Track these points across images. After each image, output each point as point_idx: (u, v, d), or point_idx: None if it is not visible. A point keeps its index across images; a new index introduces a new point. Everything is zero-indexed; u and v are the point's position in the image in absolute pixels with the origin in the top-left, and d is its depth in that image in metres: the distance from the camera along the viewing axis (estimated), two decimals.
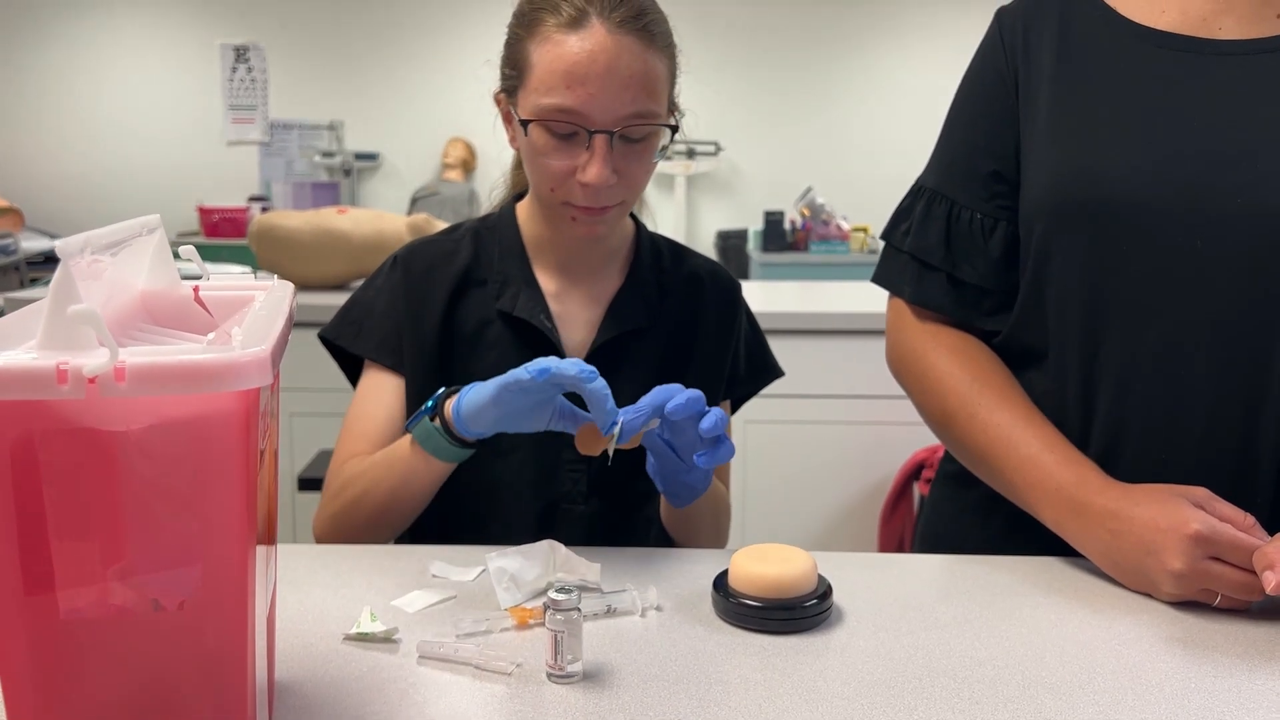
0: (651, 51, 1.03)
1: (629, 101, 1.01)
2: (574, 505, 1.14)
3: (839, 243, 5.41)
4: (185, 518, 0.55)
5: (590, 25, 1.00)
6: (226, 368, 0.49)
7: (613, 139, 1.02)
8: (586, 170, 1.02)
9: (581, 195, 1.04)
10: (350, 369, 1.22)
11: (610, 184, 1.03)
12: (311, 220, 2.68)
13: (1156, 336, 0.94)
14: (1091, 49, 1.00)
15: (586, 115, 1.00)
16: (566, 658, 0.73)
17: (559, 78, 1.00)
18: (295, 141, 6.30)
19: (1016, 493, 0.98)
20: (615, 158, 1.03)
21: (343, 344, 1.18)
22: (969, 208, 1.07)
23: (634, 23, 1.01)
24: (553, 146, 1.03)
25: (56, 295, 0.50)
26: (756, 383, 1.28)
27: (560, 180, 1.04)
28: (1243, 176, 0.91)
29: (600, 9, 1.01)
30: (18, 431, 0.51)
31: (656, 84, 1.04)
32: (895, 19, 6.29)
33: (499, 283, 1.15)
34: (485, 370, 1.12)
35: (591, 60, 0.99)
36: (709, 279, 1.24)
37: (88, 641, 0.56)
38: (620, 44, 1.00)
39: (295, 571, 0.93)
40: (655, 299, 1.19)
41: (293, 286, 0.72)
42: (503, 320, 1.14)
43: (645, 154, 1.06)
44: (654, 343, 1.17)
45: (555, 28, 1.01)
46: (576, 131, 1.01)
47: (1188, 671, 0.77)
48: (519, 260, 1.16)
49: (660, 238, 1.26)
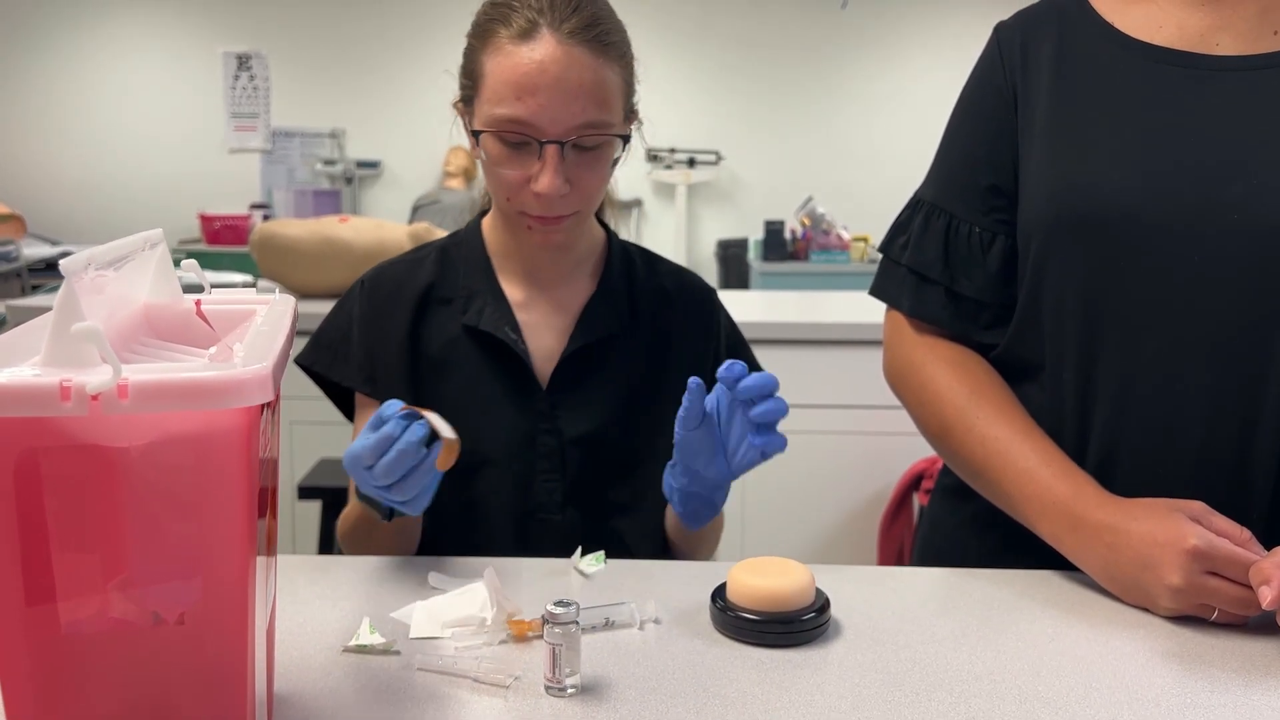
0: (603, 61, 1.03)
1: (579, 112, 1.01)
2: (550, 516, 1.13)
3: (839, 252, 5.41)
4: (186, 532, 0.56)
5: (541, 36, 1.01)
6: (229, 385, 0.50)
7: (564, 149, 1.02)
8: (538, 180, 1.03)
9: (535, 205, 1.05)
10: (332, 390, 1.22)
11: (563, 193, 1.04)
12: (313, 229, 2.69)
13: (1153, 351, 0.95)
14: (1089, 64, 1.01)
15: (537, 126, 1.01)
16: (564, 670, 0.73)
17: (510, 88, 1.01)
18: (297, 149, 6.31)
19: (1013, 506, 0.99)
20: (568, 167, 1.03)
21: (321, 370, 1.18)
22: (967, 221, 1.07)
23: (585, 33, 1.02)
24: (506, 156, 1.04)
25: (60, 312, 0.51)
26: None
27: (515, 190, 1.05)
28: (1240, 192, 0.92)
29: (551, 20, 1.01)
30: (21, 447, 0.51)
31: (608, 94, 1.04)
32: (896, 30, 6.31)
33: (465, 298, 1.15)
34: (455, 390, 1.12)
35: (541, 71, 1.00)
36: (682, 287, 1.24)
37: (88, 653, 0.56)
38: (570, 54, 1.01)
39: (295, 583, 0.93)
40: (626, 307, 1.19)
41: (294, 301, 0.72)
42: (470, 336, 1.14)
43: (598, 163, 1.06)
44: (628, 351, 1.17)
45: (507, 38, 1.02)
46: (528, 141, 1.02)
47: (1184, 686, 0.77)
48: (484, 273, 1.16)
49: (632, 246, 1.25)
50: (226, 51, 6.26)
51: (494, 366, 1.12)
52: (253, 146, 6.30)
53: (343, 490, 2.36)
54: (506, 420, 1.12)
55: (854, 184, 6.21)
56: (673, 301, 1.22)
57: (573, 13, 1.02)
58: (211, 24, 6.34)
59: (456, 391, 1.12)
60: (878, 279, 1.15)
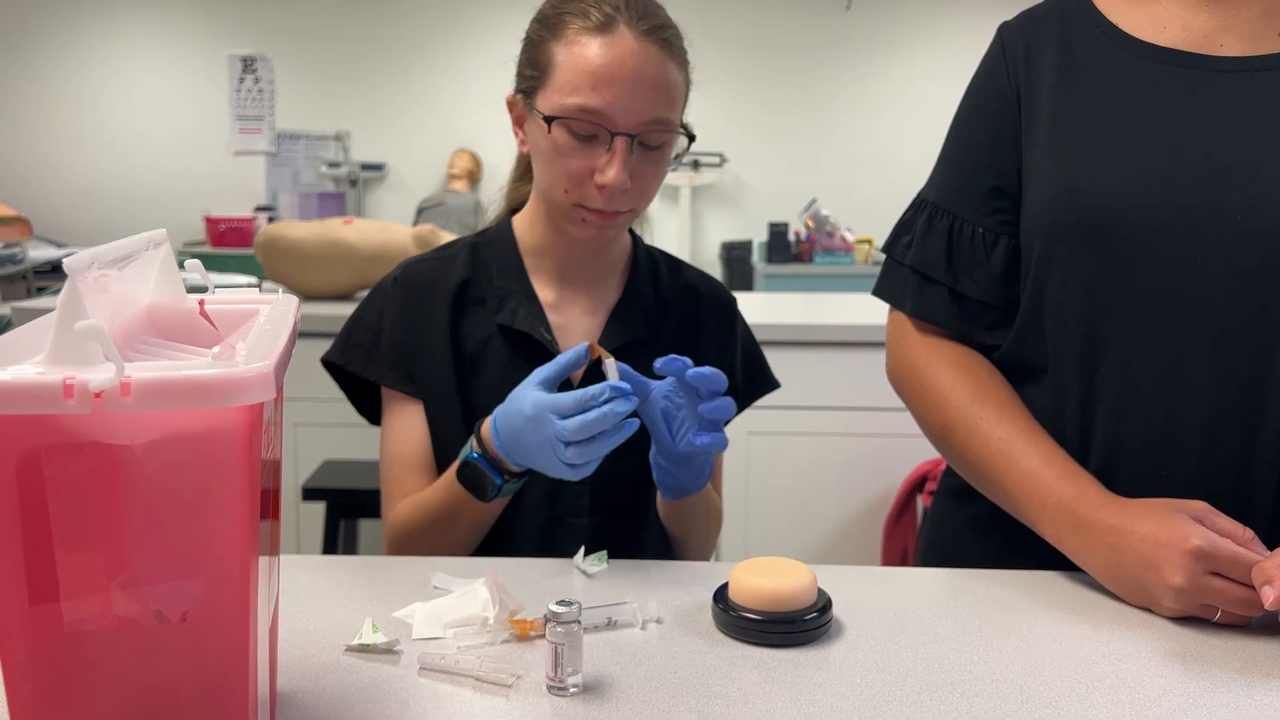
0: (672, 62, 1.06)
1: (650, 107, 1.04)
2: (577, 518, 1.14)
3: (843, 254, 5.41)
4: (189, 530, 0.56)
5: (618, 30, 1.03)
6: (230, 383, 0.50)
7: (633, 142, 1.04)
8: (605, 171, 1.04)
9: (597, 197, 1.06)
10: (354, 392, 1.22)
11: (626, 188, 1.05)
12: (317, 231, 2.69)
13: (1156, 352, 0.95)
14: (1093, 65, 1.01)
15: (610, 117, 1.03)
16: (566, 670, 0.73)
17: (585, 78, 1.02)
18: (302, 152, 6.33)
19: (1016, 507, 0.99)
20: (632, 162, 1.04)
21: (355, 369, 1.17)
22: (971, 222, 1.07)
23: (658, 33, 1.05)
24: (573, 147, 1.04)
25: (64, 310, 0.51)
26: (752, 394, 1.28)
27: (576, 181, 1.06)
28: (1243, 194, 0.92)
29: (628, 16, 1.04)
30: (24, 445, 0.51)
31: (676, 94, 1.07)
32: (899, 32, 6.30)
33: (498, 297, 1.15)
34: (488, 388, 1.13)
35: (619, 63, 1.02)
36: (706, 292, 1.25)
37: (92, 652, 0.56)
38: (647, 50, 1.03)
39: (298, 583, 0.93)
40: (654, 310, 1.20)
41: (297, 300, 0.72)
42: (502, 335, 1.14)
43: (659, 161, 1.08)
44: (653, 355, 1.17)
45: (583, 30, 1.03)
46: (598, 133, 1.03)
47: (1187, 687, 0.77)
48: (517, 273, 1.17)
49: (656, 250, 1.27)
50: (232, 54, 6.27)
51: (526, 367, 1.11)
52: (258, 149, 6.32)
53: (346, 492, 2.36)
54: None
55: (858, 186, 6.21)
56: (696, 307, 1.23)
57: (647, 13, 1.05)
58: (217, 27, 6.36)
59: (489, 390, 1.12)
60: (881, 280, 1.15)
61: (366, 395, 1.22)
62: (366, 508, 2.43)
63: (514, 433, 0.96)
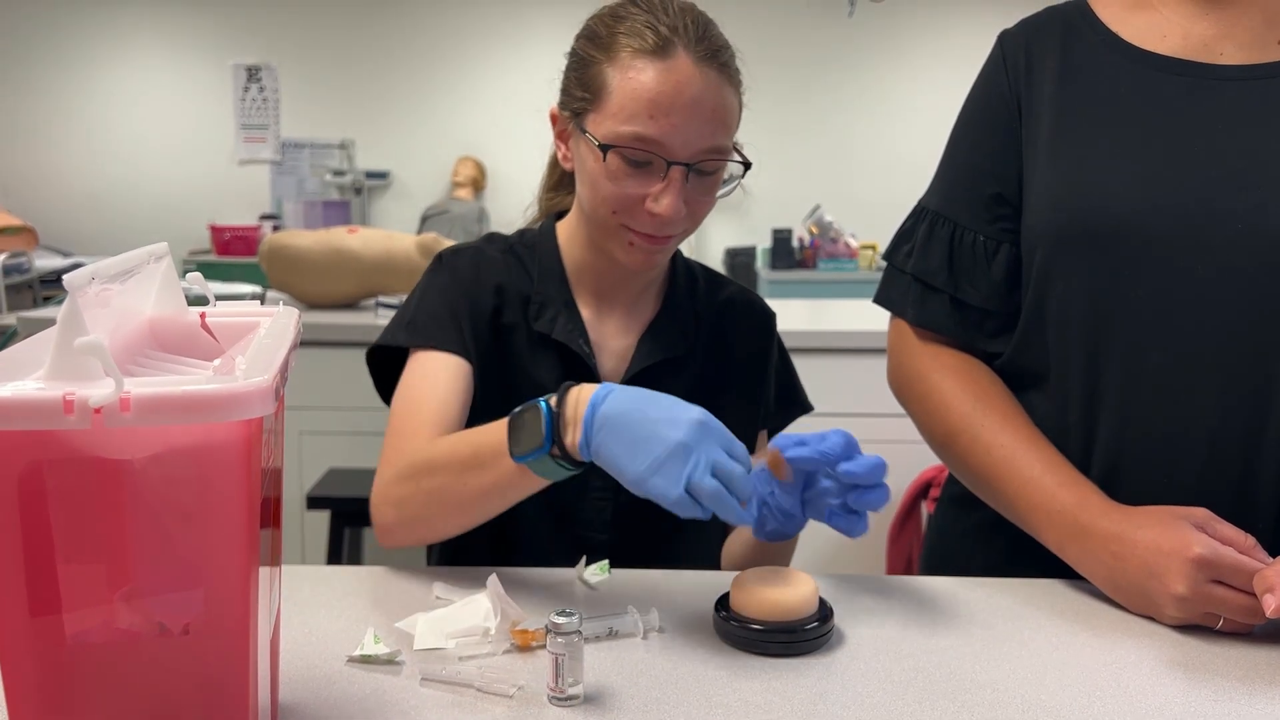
0: (729, 87, 1.02)
1: (709, 135, 1.00)
2: (596, 535, 1.12)
3: (847, 260, 5.42)
4: (189, 542, 0.56)
5: (676, 55, 0.99)
6: (230, 398, 0.50)
7: (689, 171, 1.01)
8: (660, 201, 1.01)
9: (649, 224, 1.03)
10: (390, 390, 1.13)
11: (681, 216, 1.02)
12: (322, 239, 2.70)
13: (1158, 359, 0.95)
14: (1093, 73, 1.01)
15: (667, 146, 0.99)
16: (567, 680, 0.73)
17: (643, 105, 0.98)
18: (306, 160, 6.35)
19: (1018, 515, 0.99)
20: (686, 190, 1.01)
21: (399, 343, 1.10)
22: (972, 230, 1.07)
23: (716, 57, 1.01)
24: (627, 174, 1.01)
25: (64, 327, 0.51)
26: (784, 416, 1.26)
27: (627, 206, 1.02)
28: (1244, 201, 0.92)
29: (686, 40, 0.99)
30: (26, 460, 0.52)
31: (732, 119, 1.03)
32: (903, 37, 6.31)
33: (539, 304, 1.13)
34: (522, 393, 1.08)
35: (677, 92, 0.98)
36: (744, 309, 1.22)
37: (94, 664, 0.57)
38: (706, 77, 0.99)
39: (300, 593, 0.94)
40: (691, 326, 1.17)
41: (298, 312, 0.73)
42: (539, 342, 1.12)
43: (713, 187, 1.05)
44: (688, 371, 1.16)
45: (639, 54, 0.99)
46: (653, 160, 1.00)
47: (1189, 695, 0.77)
48: (559, 282, 1.14)
49: (696, 265, 1.24)
50: (236, 63, 6.30)
51: (558, 377, 1.10)
52: (262, 158, 6.34)
53: (352, 500, 2.36)
54: None
55: (861, 192, 6.21)
56: (734, 323, 1.21)
57: (704, 35, 1.01)
58: (222, 36, 6.39)
59: (523, 395, 1.09)
60: (882, 287, 1.15)
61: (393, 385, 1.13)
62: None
63: (638, 409, 0.82)
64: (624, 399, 0.83)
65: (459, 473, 0.92)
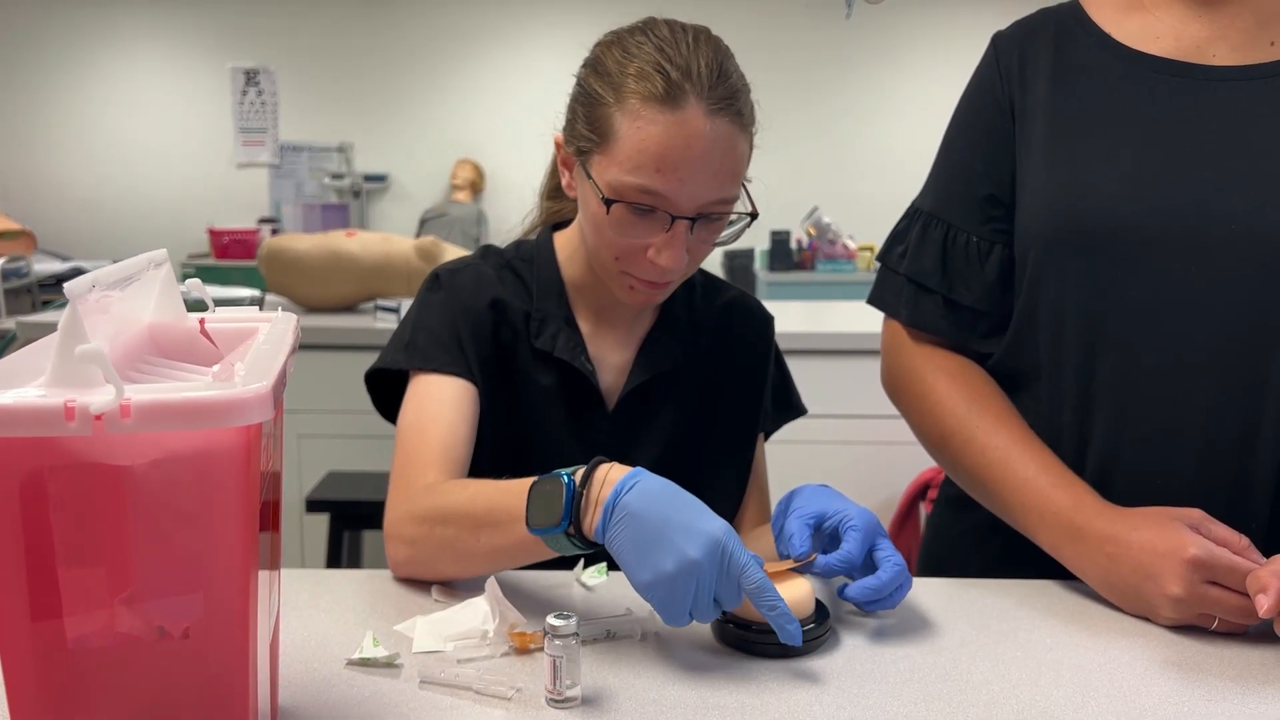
0: (741, 135, 0.99)
1: (716, 189, 0.98)
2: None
3: (845, 262, 5.42)
4: (189, 546, 0.57)
5: (686, 106, 0.94)
6: (229, 404, 0.51)
7: (693, 224, 0.99)
8: (662, 253, 0.99)
9: (650, 272, 1.01)
10: (391, 409, 1.13)
11: (683, 266, 1.01)
12: (320, 243, 2.71)
13: (1152, 361, 0.95)
14: (1086, 74, 1.02)
15: (672, 200, 0.96)
16: (565, 682, 0.74)
17: (650, 159, 0.95)
18: (305, 163, 6.35)
19: (1013, 516, 0.99)
20: (689, 240, 1.00)
21: (399, 365, 1.08)
22: (965, 231, 1.07)
23: (730, 105, 0.97)
24: (630, 222, 0.98)
25: (65, 334, 0.52)
26: (779, 420, 1.27)
27: (629, 254, 1.01)
28: (1237, 202, 0.92)
29: (698, 87, 0.95)
30: (27, 466, 0.52)
31: (741, 167, 1.01)
32: (901, 39, 6.32)
33: (538, 321, 1.11)
34: (523, 410, 1.09)
35: (686, 147, 0.94)
36: (742, 313, 1.22)
37: (95, 668, 0.57)
38: (716, 130, 0.95)
39: (299, 596, 0.94)
40: (690, 336, 1.16)
41: (296, 318, 0.73)
42: (540, 359, 1.11)
43: (717, 231, 1.03)
44: (687, 380, 1.16)
45: (649, 100, 0.95)
46: (656, 211, 0.98)
47: (1184, 695, 0.77)
48: (558, 298, 1.12)
49: (695, 271, 1.21)
50: (235, 67, 6.29)
51: (558, 393, 1.09)
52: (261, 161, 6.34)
53: (351, 503, 2.37)
54: (567, 448, 1.10)
55: (859, 194, 6.22)
56: (734, 328, 1.20)
57: (718, 80, 0.96)
58: (220, 40, 6.40)
59: (524, 413, 1.08)
60: (875, 288, 1.15)
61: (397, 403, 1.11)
62: (371, 519, 2.44)
63: (659, 511, 0.78)
64: (648, 495, 0.79)
65: (473, 528, 0.90)
